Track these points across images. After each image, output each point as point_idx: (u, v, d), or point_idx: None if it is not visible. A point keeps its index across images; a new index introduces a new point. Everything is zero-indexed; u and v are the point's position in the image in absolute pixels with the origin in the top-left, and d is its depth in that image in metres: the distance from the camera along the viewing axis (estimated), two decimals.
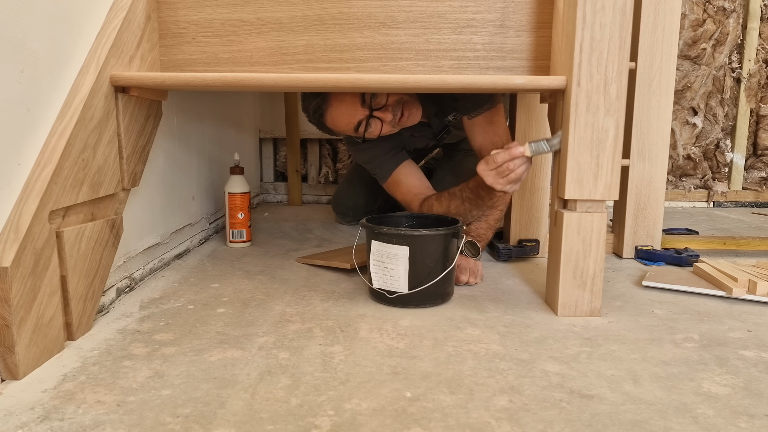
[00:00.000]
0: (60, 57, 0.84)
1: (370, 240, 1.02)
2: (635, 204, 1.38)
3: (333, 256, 1.29)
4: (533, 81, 0.95)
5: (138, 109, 0.99)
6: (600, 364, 0.78)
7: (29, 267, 0.72)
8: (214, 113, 1.63)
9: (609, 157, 0.92)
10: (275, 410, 0.65)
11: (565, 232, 0.94)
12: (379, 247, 1.00)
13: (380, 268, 1.00)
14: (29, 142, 0.77)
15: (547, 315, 0.97)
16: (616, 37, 0.89)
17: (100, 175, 0.89)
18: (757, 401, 0.68)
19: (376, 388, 0.70)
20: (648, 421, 0.63)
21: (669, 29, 1.32)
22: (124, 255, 1.05)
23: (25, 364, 0.72)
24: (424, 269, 0.98)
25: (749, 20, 2.21)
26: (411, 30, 1.04)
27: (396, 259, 0.98)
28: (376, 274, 1.01)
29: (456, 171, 1.56)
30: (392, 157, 1.38)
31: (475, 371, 0.75)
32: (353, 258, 1.22)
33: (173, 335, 0.86)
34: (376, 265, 1.01)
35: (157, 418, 0.63)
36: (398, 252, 0.98)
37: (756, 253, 1.44)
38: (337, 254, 1.33)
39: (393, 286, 0.99)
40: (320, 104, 1.20)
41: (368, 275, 1.03)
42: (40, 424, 0.61)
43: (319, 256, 1.33)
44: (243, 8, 1.04)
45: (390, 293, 0.99)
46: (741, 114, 2.28)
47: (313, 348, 0.82)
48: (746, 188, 2.35)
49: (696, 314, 0.98)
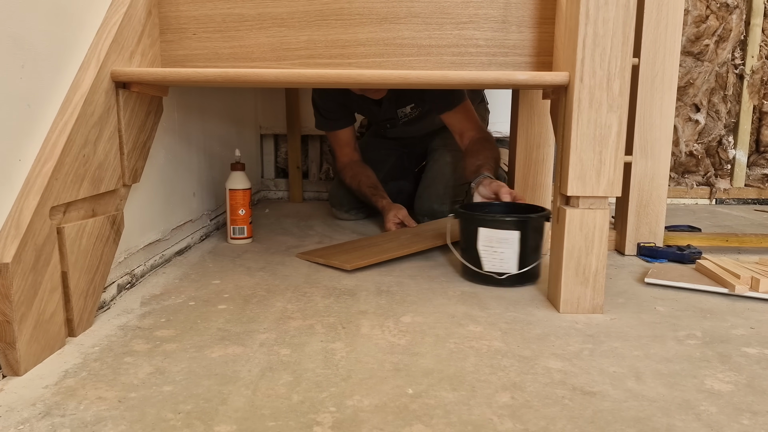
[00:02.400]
0: (61, 52, 0.83)
1: (475, 227, 1.10)
2: (637, 201, 1.38)
3: (333, 254, 1.29)
4: (536, 77, 0.95)
5: (139, 105, 0.99)
6: (602, 361, 0.77)
7: (30, 263, 0.72)
8: (214, 109, 1.63)
9: (612, 153, 0.92)
10: (277, 406, 0.65)
11: (567, 228, 0.93)
12: (488, 233, 1.09)
13: (489, 252, 1.09)
14: (30, 137, 0.77)
15: (549, 312, 0.96)
16: (620, 32, 0.88)
17: (100, 171, 0.89)
18: (760, 398, 0.68)
19: (377, 385, 0.70)
20: (651, 418, 0.63)
21: (672, 25, 1.31)
22: (124, 251, 1.04)
23: (26, 361, 0.72)
24: (528, 251, 1.09)
25: (752, 16, 2.20)
26: (413, 25, 1.04)
27: (506, 243, 1.07)
28: (485, 258, 1.09)
29: (439, 179, 1.75)
30: (344, 117, 1.75)
31: (477, 368, 0.75)
32: (355, 257, 1.23)
33: (174, 332, 0.86)
34: (485, 250, 1.09)
35: (159, 414, 0.63)
36: (509, 236, 1.07)
37: (759, 250, 1.44)
38: (338, 251, 1.32)
39: (503, 268, 1.09)
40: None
41: (467, 259, 1.13)
42: (42, 420, 0.61)
43: (320, 252, 1.33)
44: (244, 3, 1.03)
45: (499, 275, 1.08)
46: (744, 111, 2.27)
47: (315, 344, 0.82)
48: (749, 185, 2.34)
49: (698, 311, 0.98)
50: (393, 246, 1.34)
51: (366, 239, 1.46)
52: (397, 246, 1.34)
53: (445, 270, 1.22)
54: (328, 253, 1.32)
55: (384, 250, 1.31)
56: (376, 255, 1.26)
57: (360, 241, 1.43)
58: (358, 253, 1.29)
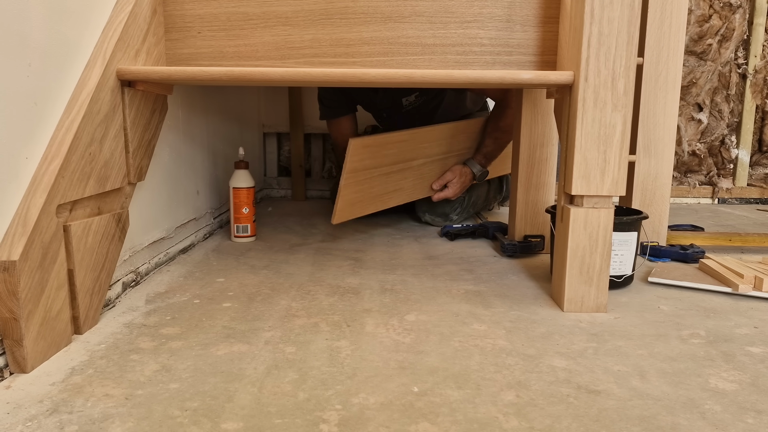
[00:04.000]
0: (67, 51, 0.84)
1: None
2: (641, 200, 1.38)
3: (349, 200, 1.37)
4: (540, 76, 0.95)
5: (144, 103, 0.99)
6: (607, 359, 0.78)
7: (37, 261, 0.72)
8: (218, 108, 1.63)
9: (616, 152, 0.92)
10: (283, 404, 0.65)
11: (571, 227, 0.93)
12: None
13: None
14: (37, 135, 0.77)
15: (553, 311, 0.96)
16: (624, 32, 0.89)
17: (106, 169, 0.89)
18: (764, 397, 0.68)
19: (383, 383, 0.70)
20: (655, 417, 0.63)
21: (676, 25, 1.31)
22: (129, 249, 1.05)
23: (33, 358, 0.72)
24: (636, 250, 1.10)
25: (756, 16, 2.20)
26: (417, 24, 1.04)
27: (626, 244, 1.06)
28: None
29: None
30: (344, 105, 1.74)
31: (482, 366, 0.75)
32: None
33: (180, 329, 0.86)
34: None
35: (166, 411, 0.63)
36: (629, 238, 1.07)
37: (762, 249, 1.44)
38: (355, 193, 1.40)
39: (621, 270, 1.07)
40: None
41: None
42: (49, 417, 0.62)
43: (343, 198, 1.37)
44: (249, 2, 1.04)
45: (618, 278, 1.07)
46: (746, 110, 2.27)
47: (320, 343, 0.82)
48: (751, 185, 2.34)
49: (702, 310, 0.98)
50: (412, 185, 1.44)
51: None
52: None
53: (449, 269, 1.22)
54: (347, 197, 1.37)
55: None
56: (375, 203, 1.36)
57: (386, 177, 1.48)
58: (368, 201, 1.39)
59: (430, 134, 1.52)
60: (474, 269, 1.22)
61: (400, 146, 1.44)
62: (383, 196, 1.48)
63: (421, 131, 1.49)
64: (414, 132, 1.47)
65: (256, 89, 2.23)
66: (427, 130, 1.50)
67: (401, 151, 1.45)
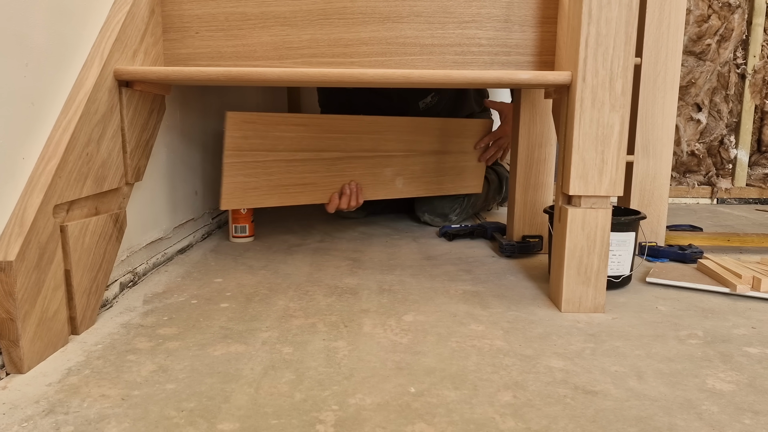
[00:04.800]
0: (64, 51, 0.83)
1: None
2: (639, 200, 1.38)
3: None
4: (538, 76, 0.95)
5: (141, 103, 0.99)
6: (604, 360, 0.78)
7: (34, 261, 0.72)
8: (216, 107, 1.63)
9: (614, 153, 0.92)
10: (280, 405, 0.65)
11: (569, 228, 0.93)
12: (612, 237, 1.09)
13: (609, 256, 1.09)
14: (33, 136, 0.77)
15: (550, 311, 0.96)
16: (622, 32, 0.89)
17: (104, 169, 0.89)
18: (761, 398, 0.68)
19: (380, 383, 0.70)
20: (653, 417, 0.63)
21: (674, 25, 1.31)
22: (127, 249, 1.05)
23: (30, 358, 0.72)
24: (634, 251, 1.10)
25: (755, 16, 2.20)
26: (415, 25, 1.04)
27: (624, 245, 1.07)
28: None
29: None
30: (341, 107, 1.66)
31: (479, 367, 0.75)
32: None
33: (177, 330, 0.86)
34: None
35: (162, 412, 0.63)
36: (627, 238, 1.07)
37: (760, 249, 1.44)
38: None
39: (619, 270, 1.08)
40: None
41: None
42: (45, 418, 0.62)
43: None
44: (247, 2, 1.04)
45: (615, 278, 1.08)
46: (745, 110, 2.27)
47: (317, 343, 0.82)
48: (750, 185, 2.34)
49: (700, 311, 0.98)
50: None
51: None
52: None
53: (447, 269, 1.22)
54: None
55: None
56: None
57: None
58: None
59: (353, 124, 1.38)
60: (472, 270, 1.22)
61: (302, 131, 1.31)
62: (290, 188, 1.34)
63: (333, 118, 1.35)
64: (320, 118, 1.34)
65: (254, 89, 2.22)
66: (345, 119, 1.37)
67: (305, 138, 1.32)
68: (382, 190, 1.52)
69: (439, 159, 1.61)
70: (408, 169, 1.56)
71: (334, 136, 1.37)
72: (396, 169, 1.53)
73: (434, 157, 1.60)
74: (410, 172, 1.56)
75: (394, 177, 1.53)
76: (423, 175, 1.60)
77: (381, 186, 1.51)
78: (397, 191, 1.55)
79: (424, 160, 1.58)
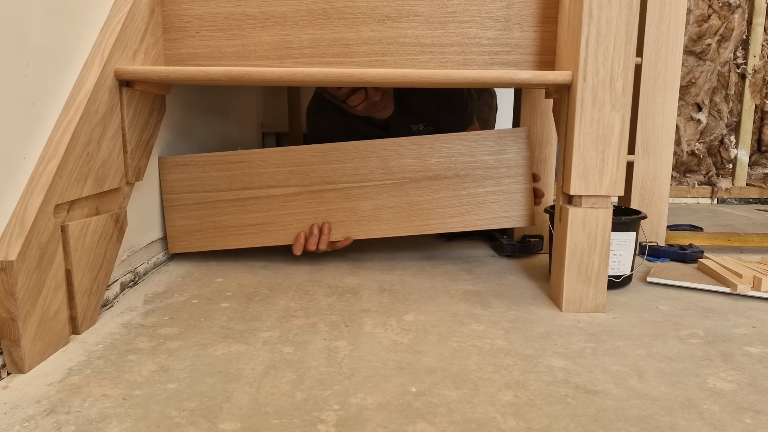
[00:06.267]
0: (65, 51, 0.83)
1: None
2: (640, 200, 1.38)
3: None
4: (539, 76, 0.95)
5: (142, 103, 0.99)
6: (605, 359, 0.78)
7: (34, 261, 0.72)
8: (217, 107, 1.63)
9: (614, 152, 0.92)
10: (281, 404, 0.65)
11: (570, 227, 0.93)
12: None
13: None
14: (34, 135, 0.77)
15: (551, 311, 0.96)
16: (623, 31, 0.89)
17: (104, 169, 0.89)
18: (762, 397, 0.68)
19: (381, 383, 0.70)
20: (653, 417, 0.63)
21: (675, 24, 1.31)
22: (128, 249, 1.05)
23: (31, 358, 0.72)
24: (634, 250, 1.10)
25: (755, 16, 2.20)
26: (416, 24, 1.04)
27: (625, 244, 1.07)
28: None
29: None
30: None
31: (480, 366, 0.75)
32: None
33: (178, 329, 0.86)
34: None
35: (163, 411, 0.63)
36: (628, 238, 1.07)
37: (760, 249, 1.44)
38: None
39: (619, 270, 1.08)
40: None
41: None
42: (47, 418, 0.62)
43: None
44: (247, 2, 1.04)
45: (616, 278, 1.08)
46: (745, 110, 2.27)
47: (318, 343, 0.82)
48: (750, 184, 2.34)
49: (701, 310, 0.98)
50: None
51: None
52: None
53: (447, 269, 1.22)
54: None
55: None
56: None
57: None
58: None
59: (298, 155, 1.21)
60: (472, 269, 1.22)
61: (242, 168, 1.21)
62: (242, 230, 1.24)
63: (277, 152, 1.21)
64: (262, 152, 1.21)
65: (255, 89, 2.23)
66: (289, 151, 1.22)
67: (248, 176, 1.22)
68: (364, 227, 1.24)
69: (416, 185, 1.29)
70: (385, 200, 1.26)
71: (283, 170, 1.22)
72: (375, 201, 1.25)
73: (410, 183, 1.27)
74: (389, 203, 1.26)
75: (376, 210, 1.25)
76: (404, 205, 1.27)
77: (363, 222, 1.24)
78: (385, 227, 1.25)
79: (397, 189, 1.26)
